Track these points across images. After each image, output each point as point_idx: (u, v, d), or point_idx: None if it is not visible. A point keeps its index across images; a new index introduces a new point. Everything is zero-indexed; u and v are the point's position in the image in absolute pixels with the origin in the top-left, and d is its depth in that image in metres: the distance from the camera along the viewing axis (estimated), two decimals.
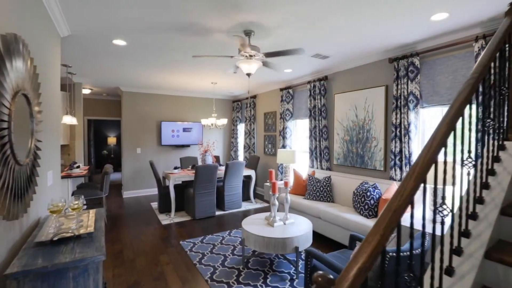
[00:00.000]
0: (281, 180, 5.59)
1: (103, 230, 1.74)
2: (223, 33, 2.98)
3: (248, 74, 2.96)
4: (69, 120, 4.44)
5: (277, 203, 3.10)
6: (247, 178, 6.00)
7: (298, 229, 2.97)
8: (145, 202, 6.04)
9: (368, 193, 3.41)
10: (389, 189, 3.37)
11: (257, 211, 5.34)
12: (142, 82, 5.79)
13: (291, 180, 5.07)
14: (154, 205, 5.74)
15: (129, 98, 6.53)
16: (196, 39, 3.17)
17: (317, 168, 4.89)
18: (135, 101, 6.62)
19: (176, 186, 5.33)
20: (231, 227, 4.38)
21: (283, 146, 5.71)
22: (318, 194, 4.19)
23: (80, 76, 5.16)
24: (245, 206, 5.64)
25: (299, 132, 5.77)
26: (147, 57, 3.95)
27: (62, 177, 4.01)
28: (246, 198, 6.00)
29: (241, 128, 7.81)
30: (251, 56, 2.90)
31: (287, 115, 5.63)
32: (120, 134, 10.46)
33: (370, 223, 3.12)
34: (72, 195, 4.17)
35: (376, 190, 3.43)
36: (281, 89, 5.78)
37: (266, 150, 6.58)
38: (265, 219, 3.29)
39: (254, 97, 6.95)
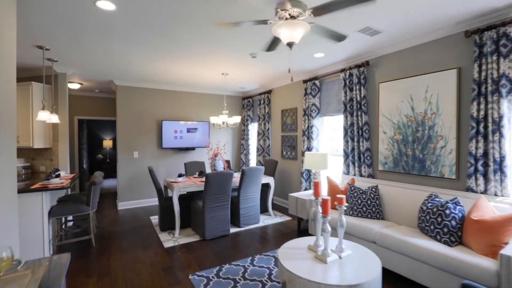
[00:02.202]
0: (305, 189, 4.66)
1: None
2: None
3: (290, 44, 2.06)
4: (47, 117, 3.54)
5: (329, 229, 2.18)
6: (265, 187, 5.08)
7: (363, 266, 2.05)
8: (143, 215, 5.11)
9: (447, 211, 2.49)
10: (477, 205, 2.45)
11: (277, 226, 4.42)
12: (139, 73, 4.89)
13: (324, 190, 4.14)
14: (154, 220, 4.81)
15: (124, 93, 5.62)
16: (214, 5, 2.28)
17: (355, 175, 3.96)
18: (132, 97, 5.70)
19: (180, 197, 4.41)
20: (252, 252, 3.46)
21: (308, 149, 4.79)
22: (364, 209, 3.27)
23: (63, 64, 4.25)
24: (263, 220, 4.71)
25: (326, 131, 4.86)
26: (145, 34, 3.05)
27: (36, 190, 3.08)
28: (263, 210, 5.07)
29: (252, 128, 6.88)
30: (294, 17, 2.01)
31: (313, 111, 4.72)
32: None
33: (459, 254, 2.19)
34: (49, 213, 3.25)
35: (457, 207, 2.52)
36: (305, 81, 4.88)
37: (284, 153, 5.66)
38: (309, 249, 2.37)
39: (269, 92, 6.04)
